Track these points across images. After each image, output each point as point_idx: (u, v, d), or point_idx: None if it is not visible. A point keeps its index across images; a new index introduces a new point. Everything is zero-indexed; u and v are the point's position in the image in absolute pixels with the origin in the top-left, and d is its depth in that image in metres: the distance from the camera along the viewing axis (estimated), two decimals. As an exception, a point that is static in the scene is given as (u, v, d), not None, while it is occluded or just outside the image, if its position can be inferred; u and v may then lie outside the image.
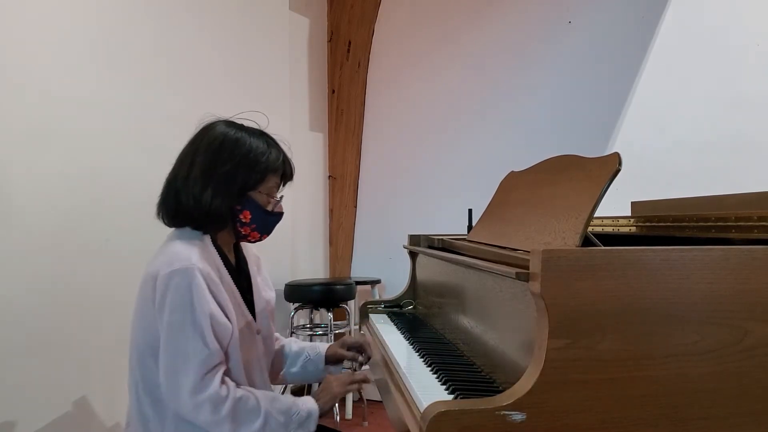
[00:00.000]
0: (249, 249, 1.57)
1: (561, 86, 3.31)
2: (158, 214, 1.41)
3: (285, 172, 1.45)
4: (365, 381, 1.49)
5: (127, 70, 2.26)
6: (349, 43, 3.80)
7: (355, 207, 3.85)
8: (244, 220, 1.40)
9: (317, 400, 1.40)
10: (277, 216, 1.45)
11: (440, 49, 3.62)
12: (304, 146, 3.63)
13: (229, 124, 1.42)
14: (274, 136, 1.45)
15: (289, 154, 1.47)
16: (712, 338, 1.04)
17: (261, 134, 1.43)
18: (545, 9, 3.35)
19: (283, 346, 1.67)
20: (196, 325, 1.25)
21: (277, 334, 1.67)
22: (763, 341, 1.05)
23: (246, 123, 1.44)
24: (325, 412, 1.41)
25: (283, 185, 1.48)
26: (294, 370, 1.64)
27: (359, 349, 1.64)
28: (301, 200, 3.56)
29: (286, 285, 3.21)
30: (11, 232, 1.84)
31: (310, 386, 3.45)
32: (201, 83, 2.65)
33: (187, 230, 1.38)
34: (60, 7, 2.01)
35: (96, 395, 2.09)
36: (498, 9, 3.47)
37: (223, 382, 1.28)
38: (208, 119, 1.42)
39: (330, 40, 3.85)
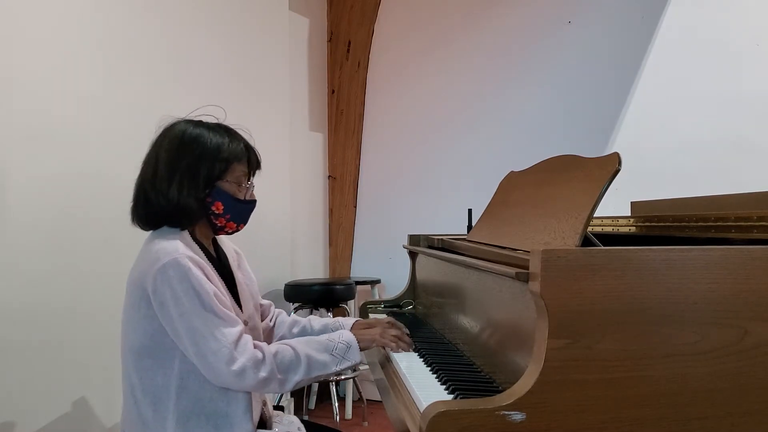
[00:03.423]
0: (226, 244, 1.58)
1: (561, 86, 3.31)
2: (132, 219, 1.42)
3: (250, 160, 1.46)
4: (406, 350, 1.51)
5: (127, 71, 2.26)
6: (349, 43, 3.80)
7: (355, 207, 3.85)
8: (217, 212, 1.42)
9: (357, 334, 1.45)
10: (251, 204, 1.47)
11: (440, 49, 3.61)
12: (304, 146, 3.62)
13: (188, 121, 1.44)
14: (233, 127, 1.47)
15: (251, 142, 1.48)
16: (712, 338, 1.04)
17: (219, 126, 1.45)
18: (545, 9, 3.35)
19: (283, 335, 1.67)
20: (206, 305, 1.28)
21: (274, 308, 1.70)
22: (763, 341, 1.05)
23: (204, 118, 1.46)
24: (363, 348, 1.45)
25: (252, 174, 1.49)
26: None
27: None
28: (301, 200, 3.56)
29: (285, 285, 3.21)
30: (11, 232, 1.84)
31: (309, 388, 3.46)
32: (200, 83, 2.65)
33: (165, 229, 1.39)
34: (61, 7, 2.01)
35: (95, 395, 2.09)
36: (498, 9, 3.47)
37: (254, 345, 1.32)
38: (167, 121, 1.44)
39: (330, 40, 3.85)
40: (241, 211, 1.44)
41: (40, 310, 1.91)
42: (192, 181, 1.37)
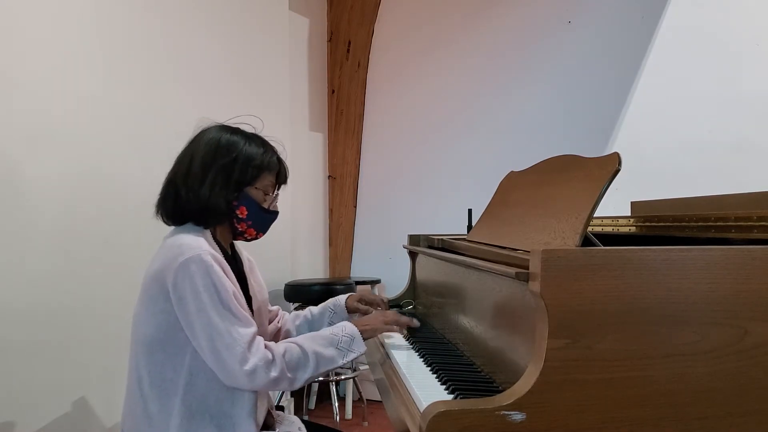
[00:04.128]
0: (241, 251, 1.60)
1: (561, 86, 3.30)
2: (157, 212, 1.45)
3: (280, 173, 1.51)
4: (409, 324, 1.58)
5: (127, 71, 2.26)
6: (349, 43, 3.80)
7: (355, 207, 3.85)
8: (241, 216, 1.44)
9: (358, 325, 1.47)
10: (273, 214, 1.50)
11: (440, 49, 3.61)
12: (304, 146, 3.63)
13: (225, 127, 1.47)
14: (268, 139, 1.50)
15: (283, 156, 1.52)
16: (712, 338, 1.04)
17: (256, 136, 1.49)
18: (545, 9, 3.35)
19: (288, 330, 1.71)
20: (224, 303, 1.30)
21: (281, 311, 1.73)
22: (763, 341, 1.05)
23: (241, 126, 1.49)
24: (366, 338, 1.47)
25: (278, 187, 1.52)
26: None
27: (374, 305, 1.75)
28: (301, 200, 3.56)
29: (286, 285, 3.21)
30: (11, 232, 1.84)
31: (309, 388, 3.46)
32: (201, 83, 2.65)
33: (189, 226, 1.42)
34: (61, 7, 2.01)
35: (95, 395, 2.09)
36: (498, 9, 3.47)
37: (264, 346, 1.34)
38: (205, 123, 1.48)
39: (330, 40, 3.85)
40: (263, 219, 1.48)
41: (40, 310, 1.91)
42: (224, 181, 1.40)
